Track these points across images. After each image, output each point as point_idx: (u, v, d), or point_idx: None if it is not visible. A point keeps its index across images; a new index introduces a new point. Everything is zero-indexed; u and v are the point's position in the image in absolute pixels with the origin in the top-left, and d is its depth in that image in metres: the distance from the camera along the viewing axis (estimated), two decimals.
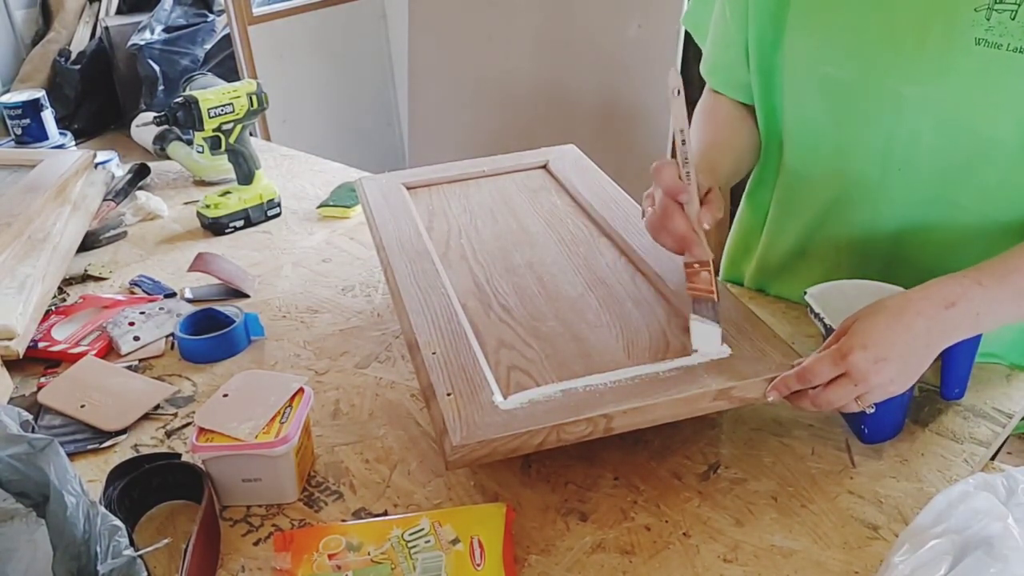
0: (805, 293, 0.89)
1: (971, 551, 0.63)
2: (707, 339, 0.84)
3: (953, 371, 0.89)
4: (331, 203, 1.48)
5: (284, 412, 0.84)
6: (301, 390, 0.87)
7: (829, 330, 0.85)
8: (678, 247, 0.86)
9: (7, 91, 2.54)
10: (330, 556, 0.74)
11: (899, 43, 0.87)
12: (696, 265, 0.86)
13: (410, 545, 0.74)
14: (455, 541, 0.74)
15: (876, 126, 0.92)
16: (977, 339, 0.85)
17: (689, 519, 0.79)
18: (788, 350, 0.84)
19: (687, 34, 2.23)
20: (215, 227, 1.43)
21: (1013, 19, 0.80)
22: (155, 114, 1.41)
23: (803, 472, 0.84)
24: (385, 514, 0.82)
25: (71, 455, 0.91)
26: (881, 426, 0.87)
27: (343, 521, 0.82)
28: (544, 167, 1.31)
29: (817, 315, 0.87)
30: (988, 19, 0.81)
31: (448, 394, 0.80)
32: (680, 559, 0.75)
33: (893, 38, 0.87)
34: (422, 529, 0.75)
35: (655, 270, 0.99)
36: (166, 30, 3.89)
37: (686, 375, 0.81)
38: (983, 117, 0.85)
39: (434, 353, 0.87)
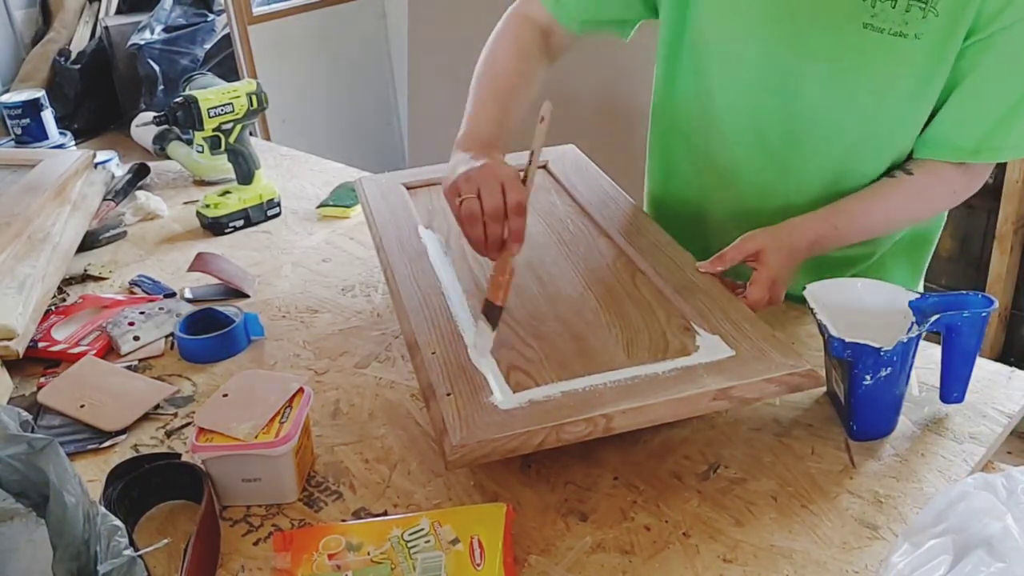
0: (803, 288, 0.91)
1: (971, 551, 0.63)
2: (485, 341, 0.88)
3: (953, 375, 0.89)
4: (331, 203, 1.48)
5: (284, 412, 0.84)
6: (301, 390, 0.87)
7: (821, 326, 0.86)
8: (492, 249, 0.90)
9: (7, 91, 2.55)
10: (330, 556, 0.74)
11: (797, 21, 0.97)
12: (508, 273, 0.90)
13: (410, 545, 0.74)
14: (455, 541, 0.74)
15: (777, 98, 1.02)
16: (977, 345, 0.86)
17: (689, 519, 0.79)
18: (788, 350, 0.84)
19: None
20: (215, 227, 1.43)
21: (894, 7, 0.91)
22: (155, 114, 1.41)
23: (803, 472, 0.84)
24: (385, 514, 0.82)
25: (71, 455, 0.91)
26: (870, 425, 0.88)
27: (343, 521, 0.82)
28: (544, 167, 1.31)
29: (812, 311, 0.88)
30: (873, 6, 0.92)
31: (448, 394, 0.80)
32: (680, 559, 0.75)
33: (792, 17, 0.97)
34: (422, 529, 0.75)
35: (655, 270, 0.99)
36: (166, 30, 3.90)
37: (686, 375, 0.81)
38: (868, 94, 0.97)
39: (434, 353, 0.87)
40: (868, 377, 0.84)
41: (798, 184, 1.06)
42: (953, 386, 0.90)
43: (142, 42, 3.84)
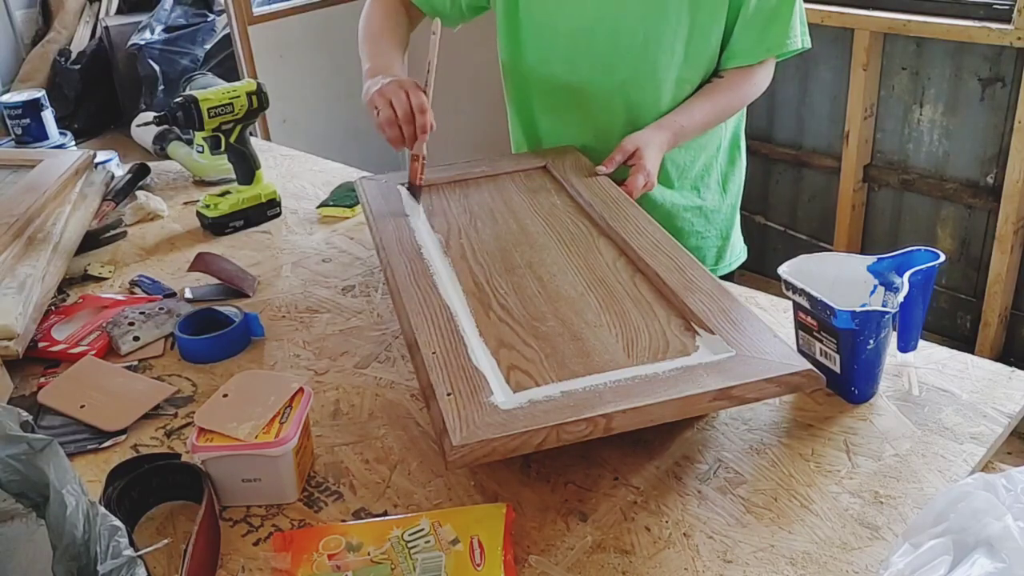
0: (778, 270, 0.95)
1: (971, 551, 0.63)
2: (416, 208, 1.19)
3: (913, 326, 0.96)
4: (331, 203, 1.48)
5: (284, 412, 0.84)
6: (301, 390, 0.87)
7: (818, 303, 0.89)
8: (409, 142, 1.16)
9: (7, 91, 2.54)
10: (330, 556, 0.74)
11: None
12: (420, 159, 1.20)
13: (410, 545, 0.74)
14: (455, 541, 0.74)
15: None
16: (926, 298, 0.93)
17: (689, 519, 0.79)
18: (788, 350, 0.84)
19: None
20: (215, 227, 1.43)
21: None
22: (155, 114, 1.41)
23: (803, 472, 0.84)
24: (385, 514, 0.82)
25: (71, 455, 0.91)
26: (870, 386, 0.92)
27: (343, 521, 0.82)
28: (544, 167, 1.31)
29: (791, 285, 0.92)
30: None
31: (448, 394, 0.80)
32: (680, 559, 0.75)
33: None
34: (422, 529, 0.75)
35: (655, 270, 0.99)
36: (166, 30, 3.90)
37: (686, 375, 0.81)
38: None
39: (434, 353, 0.87)
40: (872, 341, 0.87)
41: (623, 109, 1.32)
42: (911, 336, 0.97)
43: (142, 42, 3.84)
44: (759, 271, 2.56)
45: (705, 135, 1.37)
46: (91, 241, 1.39)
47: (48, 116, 1.77)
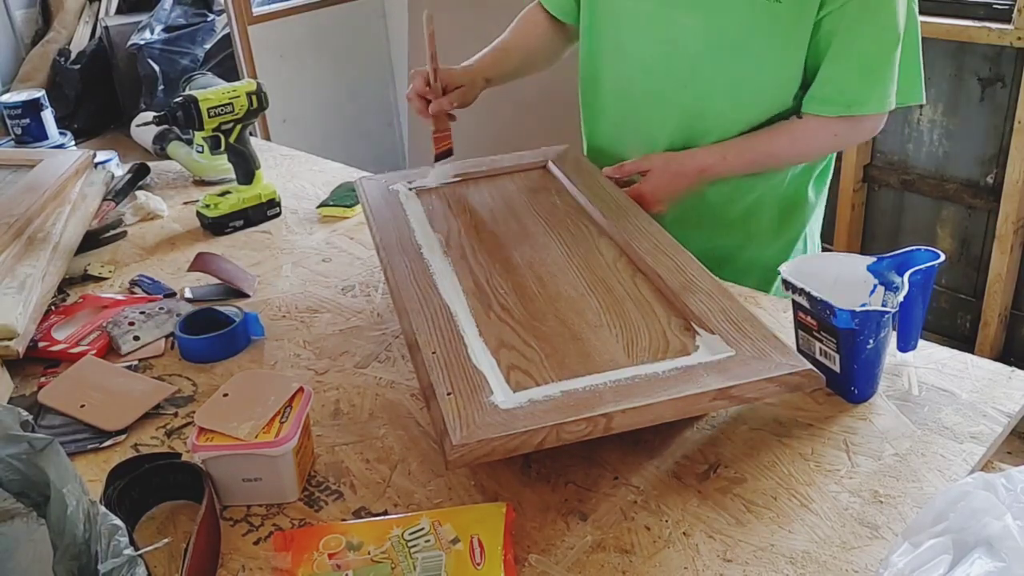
0: (779, 272, 0.94)
1: (971, 551, 0.63)
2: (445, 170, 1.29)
3: (913, 326, 0.96)
4: (331, 203, 1.48)
5: (284, 412, 0.85)
6: (301, 390, 0.87)
7: (819, 302, 0.89)
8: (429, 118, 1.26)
9: (7, 91, 2.54)
10: (330, 556, 0.74)
11: None
12: (443, 133, 1.29)
13: (410, 545, 0.74)
14: (455, 541, 0.74)
15: (665, 46, 1.20)
16: (926, 298, 0.93)
17: (689, 519, 0.79)
18: (788, 350, 0.84)
19: None
20: (215, 227, 1.43)
21: None
22: (155, 114, 1.41)
23: (803, 472, 0.84)
24: (385, 514, 0.82)
25: (71, 455, 0.91)
26: (870, 385, 0.92)
27: (343, 521, 0.82)
28: (544, 167, 1.31)
29: (790, 285, 0.92)
30: None
31: (448, 394, 0.80)
32: (680, 559, 0.75)
33: None
34: (422, 529, 0.75)
35: (655, 270, 0.99)
36: (166, 30, 3.91)
37: (686, 375, 0.81)
38: (735, 45, 1.15)
39: (434, 353, 0.87)
40: (872, 341, 0.87)
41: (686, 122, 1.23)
42: (911, 335, 0.97)
43: (142, 42, 3.84)
44: None
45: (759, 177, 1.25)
46: (91, 241, 1.39)
47: (48, 116, 1.77)
